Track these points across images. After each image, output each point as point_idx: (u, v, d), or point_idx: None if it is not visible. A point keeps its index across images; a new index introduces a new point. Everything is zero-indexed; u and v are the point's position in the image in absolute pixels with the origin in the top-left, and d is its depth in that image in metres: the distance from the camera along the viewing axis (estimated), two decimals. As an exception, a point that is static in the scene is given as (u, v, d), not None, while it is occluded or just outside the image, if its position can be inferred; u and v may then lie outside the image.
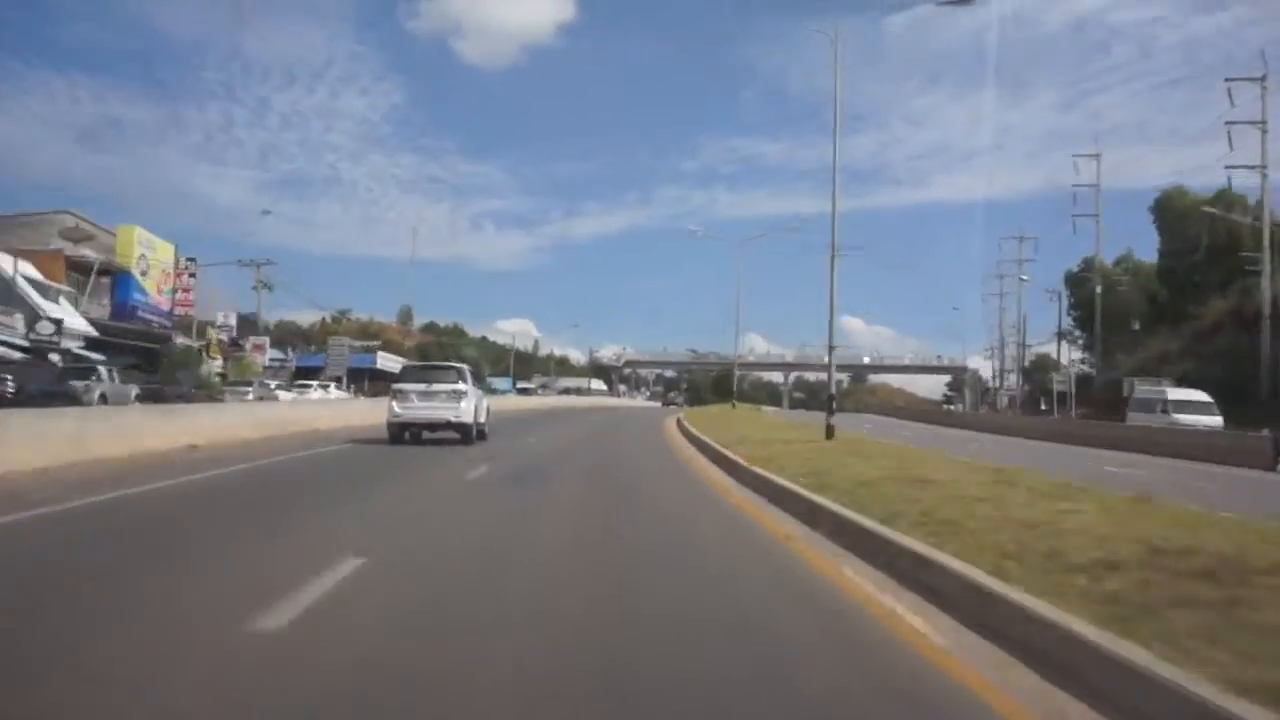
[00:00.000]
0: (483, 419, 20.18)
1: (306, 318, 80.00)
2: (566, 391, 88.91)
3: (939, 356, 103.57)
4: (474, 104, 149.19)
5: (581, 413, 47.20)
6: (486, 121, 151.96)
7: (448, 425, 18.85)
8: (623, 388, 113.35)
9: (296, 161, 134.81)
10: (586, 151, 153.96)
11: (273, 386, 38.43)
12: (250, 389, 35.23)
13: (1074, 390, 49.39)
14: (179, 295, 45.97)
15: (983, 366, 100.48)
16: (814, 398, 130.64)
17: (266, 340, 51.43)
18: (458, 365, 22.04)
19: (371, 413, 23.78)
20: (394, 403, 18.92)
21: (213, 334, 46.93)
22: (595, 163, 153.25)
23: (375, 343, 64.90)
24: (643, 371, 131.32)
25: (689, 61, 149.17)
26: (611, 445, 22.90)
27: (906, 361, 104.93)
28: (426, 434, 19.04)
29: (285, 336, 68.19)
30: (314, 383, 44.09)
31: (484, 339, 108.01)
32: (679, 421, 32.02)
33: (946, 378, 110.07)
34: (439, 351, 70.69)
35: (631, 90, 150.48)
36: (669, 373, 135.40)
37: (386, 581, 5.65)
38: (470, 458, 15.54)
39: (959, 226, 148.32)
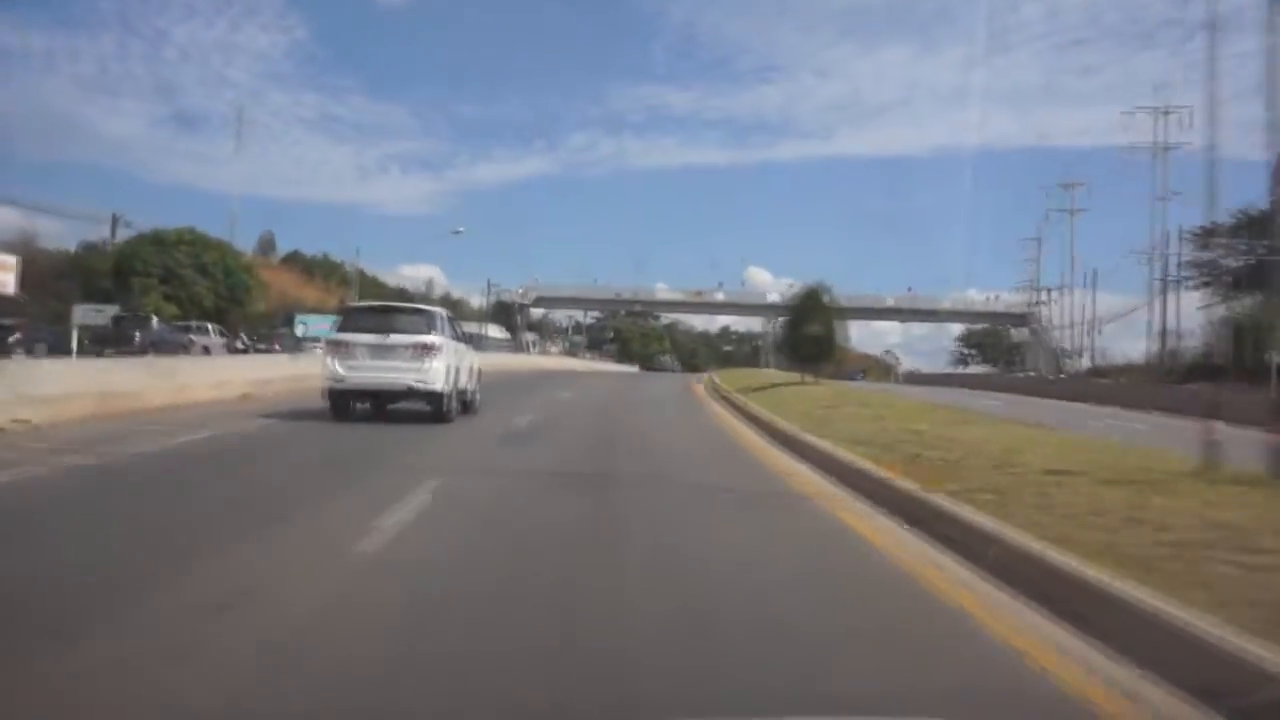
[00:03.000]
0: (466, 383, 15.20)
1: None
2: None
3: (996, 296, 72.46)
4: (377, 41, 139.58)
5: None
6: (390, 61, 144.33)
7: (410, 393, 13.81)
8: (531, 336, 78.27)
9: (195, 97, 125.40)
10: (492, 95, 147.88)
11: None
12: None
13: None
14: None
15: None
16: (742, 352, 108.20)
17: None
18: (426, 308, 16.43)
19: None
20: (334, 360, 13.69)
21: None
22: (502, 106, 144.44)
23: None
24: (557, 316, 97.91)
25: (596, 5, 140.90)
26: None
27: (947, 305, 72.78)
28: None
29: None
30: None
31: (344, 264, 73.20)
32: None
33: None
34: (156, 256, 35.26)
35: (536, 32, 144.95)
36: (590, 317, 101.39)
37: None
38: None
39: (873, 179, 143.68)
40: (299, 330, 49.13)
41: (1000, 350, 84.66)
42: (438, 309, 16.39)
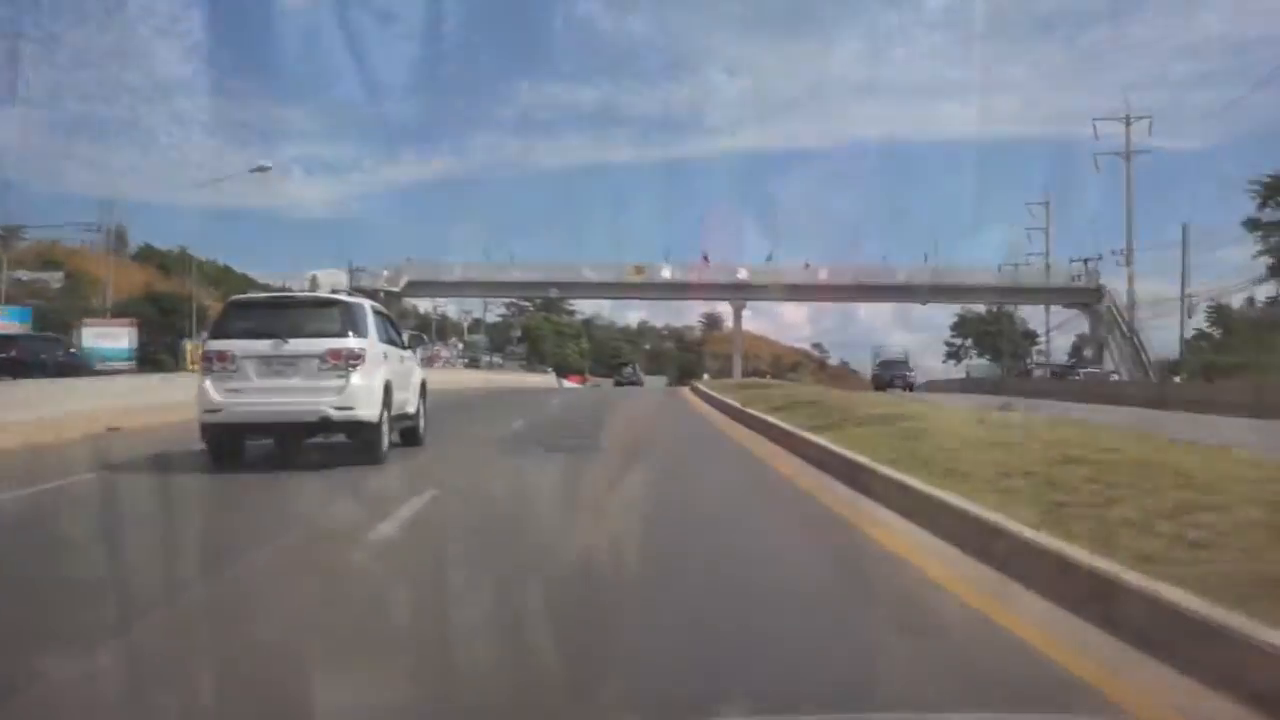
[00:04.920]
0: (410, 407, 11.34)
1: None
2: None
3: (1047, 263, 54.06)
4: (278, 43, 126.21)
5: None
6: (293, 63, 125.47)
7: (325, 425, 9.73)
8: (418, 343, 55.19)
9: (91, 103, 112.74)
10: (398, 96, 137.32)
11: None
12: None
13: None
14: None
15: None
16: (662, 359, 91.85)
17: None
18: (343, 298, 10.72)
19: None
20: (208, 382, 9.62)
21: None
22: (406, 107, 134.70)
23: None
24: (455, 314, 76.93)
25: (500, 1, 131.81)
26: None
27: (992, 282, 53.49)
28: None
29: None
30: None
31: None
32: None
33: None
34: None
35: (439, 31, 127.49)
36: (495, 311, 79.72)
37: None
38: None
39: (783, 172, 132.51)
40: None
41: (1014, 340, 65.03)
42: (360, 299, 11.18)
